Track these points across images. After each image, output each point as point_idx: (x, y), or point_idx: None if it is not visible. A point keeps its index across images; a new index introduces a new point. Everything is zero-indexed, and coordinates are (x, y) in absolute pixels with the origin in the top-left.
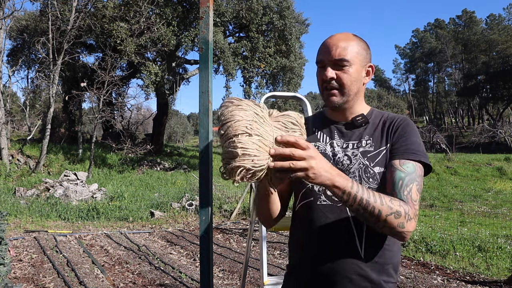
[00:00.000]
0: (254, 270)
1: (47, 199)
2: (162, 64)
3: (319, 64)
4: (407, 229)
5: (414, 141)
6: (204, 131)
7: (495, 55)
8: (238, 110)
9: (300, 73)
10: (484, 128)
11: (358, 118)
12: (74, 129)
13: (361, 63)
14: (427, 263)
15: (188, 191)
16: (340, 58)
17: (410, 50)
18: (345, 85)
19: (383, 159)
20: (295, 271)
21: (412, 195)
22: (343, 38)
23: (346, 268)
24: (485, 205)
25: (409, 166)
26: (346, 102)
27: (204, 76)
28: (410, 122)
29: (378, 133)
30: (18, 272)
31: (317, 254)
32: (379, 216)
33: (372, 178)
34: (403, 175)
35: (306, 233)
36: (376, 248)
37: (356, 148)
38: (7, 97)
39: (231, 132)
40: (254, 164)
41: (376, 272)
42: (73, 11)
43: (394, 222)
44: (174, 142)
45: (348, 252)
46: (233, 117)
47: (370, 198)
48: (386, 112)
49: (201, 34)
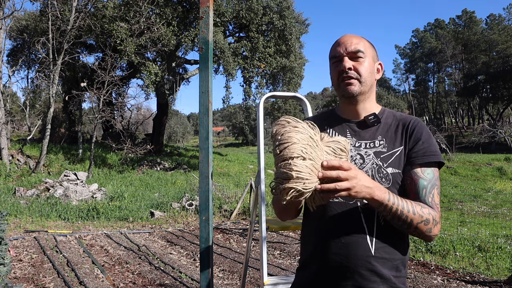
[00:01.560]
0: (254, 270)
1: (47, 199)
2: (162, 64)
3: (334, 58)
4: (434, 233)
5: (430, 143)
6: (204, 131)
7: (495, 55)
8: (295, 132)
9: (300, 73)
10: (484, 128)
11: (370, 117)
12: (74, 129)
13: (373, 58)
14: (427, 263)
15: (188, 191)
16: (356, 50)
17: (410, 50)
18: (362, 75)
19: (396, 160)
20: (307, 266)
21: (435, 199)
22: (354, 36)
23: (357, 263)
24: (485, 205)
25: (429, 173)
26: (363, 94)
27: (204, 76)
28: (422, 123)
29: (391, 134)
30: (18, 272)
31: (328, 250)
32: (411, 224)
33: (385, 178)
34: (425, 183)
35: (317, 229)
36: (386, 244)
37: (369, 147)
38: (7, 97)
39: (287, 154)
40: (305, 187)
41: (386, 268)
42: (73, 11)
43: (423, 228)
44: (174, 142)
45: (359, 248)
46: (290, 138)
47: (404, 208)
48: (397, 112)
49: (201, 34)
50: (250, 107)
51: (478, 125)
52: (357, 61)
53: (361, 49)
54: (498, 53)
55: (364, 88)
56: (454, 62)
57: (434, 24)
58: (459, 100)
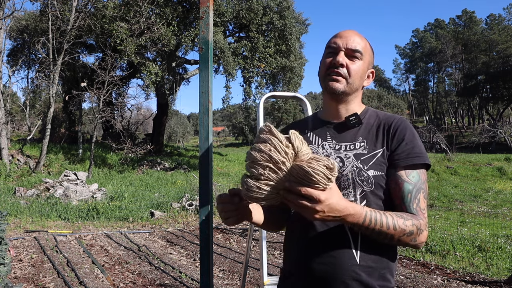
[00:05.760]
0: (254, 270)
1: (47, 199)
2: (162, 64)
3: (330, 49)
4: (420, 241)
5: (415, 144)
6: (204, 131)
7: (495, 55)
8: (257, 151)
9: (300, 73)
10: (484, 128)
11: (351, 118)
12: (74, 129)
13: (368, 63)
14: (427, 263)
15: (188, 191)
16: (355, 49)
17: (410, 50)
18: (352, 76)
19: (377, 162)
20: (290, 276)
21: (421, 204)
22: (359, 35)
23: (342, 273)
24: (485, 205)
25: (414, 176)
26: (346, 94)
27: (204, 76)
28: (406, 122)
29: (372, 135)
30: (18, 272)
31: (312, 259)
32: (392, 238)
33: (367, 181)
34: (411, 187)
35: (301, 237)
36: (372, 253)
37: (349, 150)
38: (7, 97)
39: (246, 169)
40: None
41: (372, 277)
42: (73, 11)
43: (406, 239)
44: (174, 142)
45: (344, 257)
46: (249, 156)
47: (383, 225)
48: (381, 112)
49: (201, 34)
50: (250, 107)
51: (478, 125)
52: (352, 60)
53: (360, 49)
54: (498, 53)
55: (349, 89)
56: (454, 62)
57: (434, 24)
58: (459, 100)
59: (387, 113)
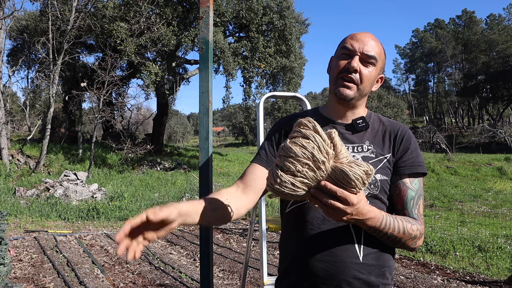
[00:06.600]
0: (254, 270)
1: (47, 199)
2: (162, 64)
3: (345, 50)
4: (418, 245)
5: (418, 153)
6: (204, 131)
7: (495, 55)
8: (299, 146)
9: (300, 73)
10: (484, 128)
11: (359, 121)
12: (74, 129)
13: (380, 70)
14: (427, 263)
15: (188, 191)
16: (371, 55)
17: (410, 50)
18: (364, 82)
19: (384, 167)
20: (289, 275)
21: (420, 210)
22: (375, 39)
23: (344, 271)
24: (485, 205)
25: (416, 183)
26: (355, 100)
27: (204, 76)
28: (410, 131)
29: (378, 140)
30: (18, 272)
31: (314, 257)
32: (399, 241)
33: (374, 185)
34: (413, 194)
35: (301, 235)
36: (374, 251)
37: (358, 152)
38: (7, 97)
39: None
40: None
41: (374, 275)
42: (73, 11)
43: (409, 243)
44: (174, 142)
45: (347, 255)
46: (290, 150)
47: (394, 230)
48: (384, 117)
49: (201, 34)
50: (250, 107)
51: (478, 125)
52: (366, 66)
53: (376, 56)
54: (498, 53)
55: (359, 95)
56: (454, 62)
57: (434, 24)
58: (459, 100)
59: (389, 119)
